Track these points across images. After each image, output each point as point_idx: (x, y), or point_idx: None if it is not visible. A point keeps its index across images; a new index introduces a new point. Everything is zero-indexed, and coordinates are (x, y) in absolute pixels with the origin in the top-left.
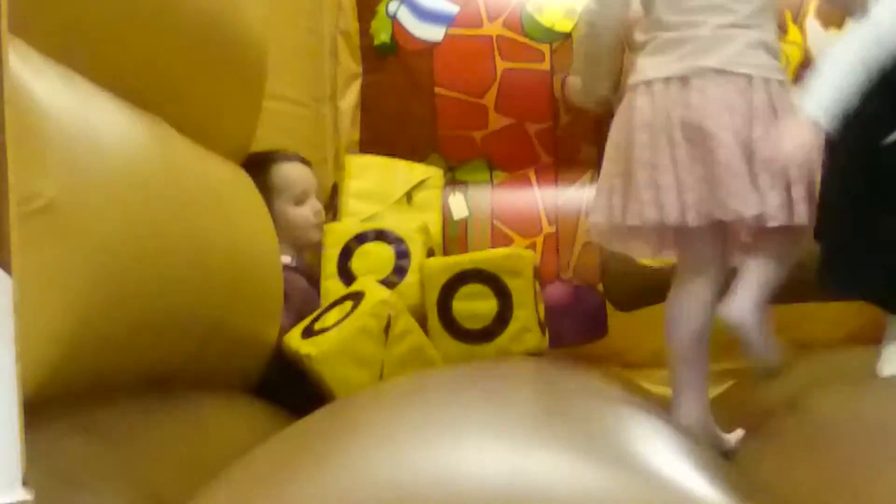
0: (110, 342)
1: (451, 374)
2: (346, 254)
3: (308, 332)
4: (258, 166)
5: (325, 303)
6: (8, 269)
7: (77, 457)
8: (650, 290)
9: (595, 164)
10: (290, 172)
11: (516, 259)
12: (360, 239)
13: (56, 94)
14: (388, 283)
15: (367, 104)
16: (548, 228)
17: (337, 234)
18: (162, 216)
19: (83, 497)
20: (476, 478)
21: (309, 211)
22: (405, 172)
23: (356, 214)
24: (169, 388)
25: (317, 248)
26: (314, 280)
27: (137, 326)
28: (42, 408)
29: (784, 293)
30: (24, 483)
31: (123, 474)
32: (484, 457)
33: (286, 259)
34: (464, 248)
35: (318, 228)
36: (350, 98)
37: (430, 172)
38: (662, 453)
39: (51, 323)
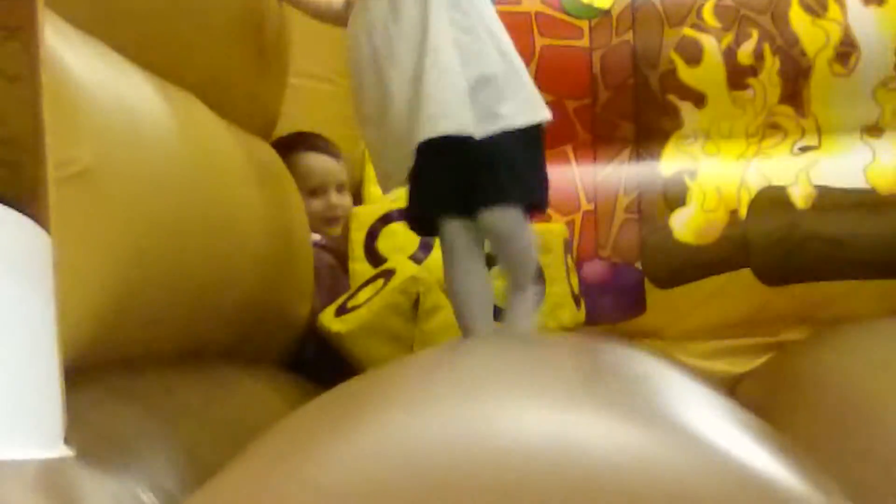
0: (144, 311)
1: (488, 342)
2: (373, 235)
3: (341, 310)
4: (282, 149)
5: (354, 285)
6: (47, 229)
7: (117, 420)
8: (689, 266)
9: (634, 141)
10: (309, 163)
11: (546, 235)
12: (386, 219)
13: (89, 65)
14: (415, 259)
15: None
16: (586, 205)
17: (362, 217)
18: (194, 188)
19: (124, 457)
20: (517, 437)
21: (321, 205)
22: None
23: (378, 199)
24: (203, 360)
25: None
26: (343, 259)
27: (170, 297)
28: (79, 375)
29: (826, 270)
30: (65, 442)
31: (163, 438)
32: (525, 417)
33: (316, 237)
34: None
35: (327, 223)
36: None
37: None
38: (704, 415)
39: (87, 288)
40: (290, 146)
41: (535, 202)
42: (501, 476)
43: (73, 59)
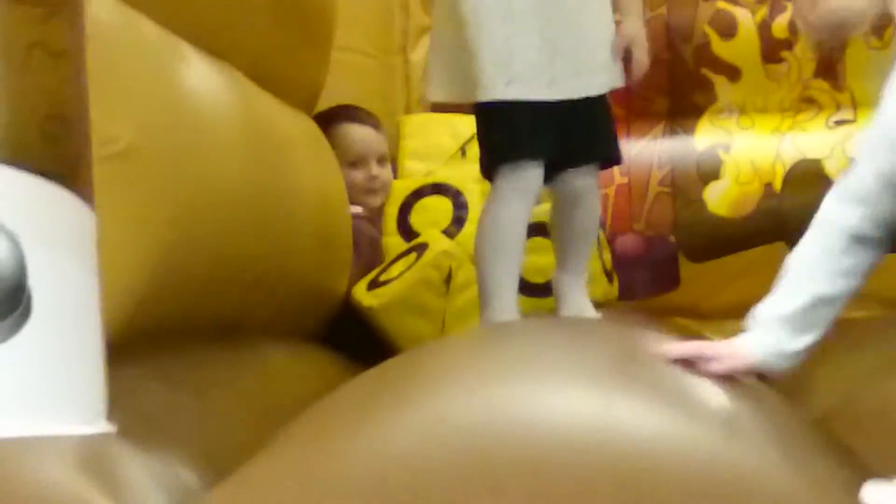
0: (184, 287)
1: (528, 324)
2: (405, 209)
3: (373, 284)
4: (324, 121)
5: (387, 259)
6: (91, 206)
7: (157, 397)
8: (723, 240)
9: (668, 116)
10: (350, 134)
11: None
12: (418, 194)
13: (133, 41)
14: (448, 234)
15: None
16: (620, 179)
17: (395, 192)
18: (235, 164)
19: (162, 438)
20: (559, 420)
21: (362, 176)
22: (460, 127)
23: (413, 174)
24: (240, 335)
25: (372, 211)
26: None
27: (210, 272)
28: (121, 353)
29: None
30: (107, 419)
31: (202, 415)
32: (566, 400)
33: (357, 209)
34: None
35: (369, 194)
36: (421, 51)
37: None
38: (737, 400)
39: (129, 265)
40: (331, 118)
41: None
42: (542, 459)
43: (118, 35)
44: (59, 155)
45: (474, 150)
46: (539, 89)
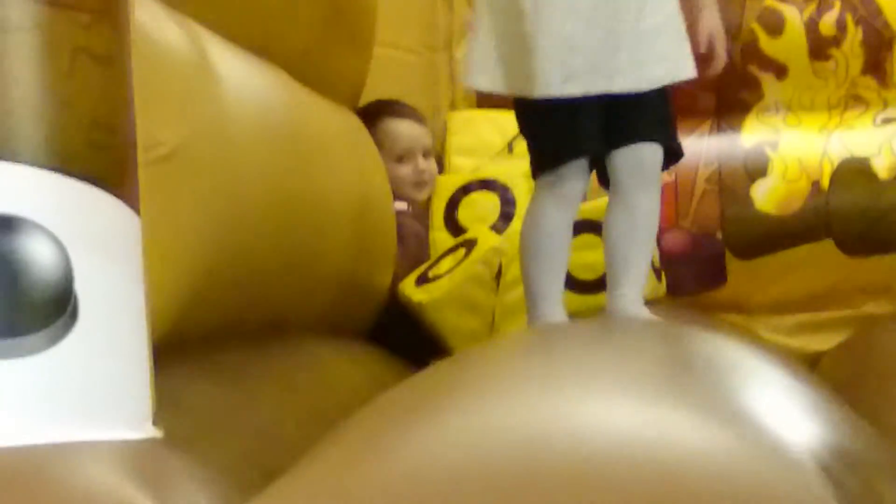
0: (229, 288)
1: (578, 329)
2: (453, 205)
3: (422, 280)
4: (368, 117)
5: (434, 254)
6: (137, 211)
7: (203, 399)
8: (770, 237)
9: (715, 113)
10: (395, 129)
11: None
12: (466, 189)
13: (177, 45)
14: (495, 229)
15: None
16: (666, 177)
17: (443, 187)
18: (279, 164)
19: (209, 440)
20: (605, 430)
21: (409, 170)
22: (507, 123)
23: (460, 170)
24: (286, 333)
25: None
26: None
27: (256, 272)
28: (167, 353)
29: None
30: (153, 422)
31: (248, 417)
32: (613, 410)
33: (402, 205)
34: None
35: (416, 188)
36: (465, 47)
37: None
38: (788, 411)
39: (175, 269)
40: (375, 114)
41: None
42: (585, 471)
43: (162, 38)
44: (105, 160)
45: (522, 146)
46: (599, 83)
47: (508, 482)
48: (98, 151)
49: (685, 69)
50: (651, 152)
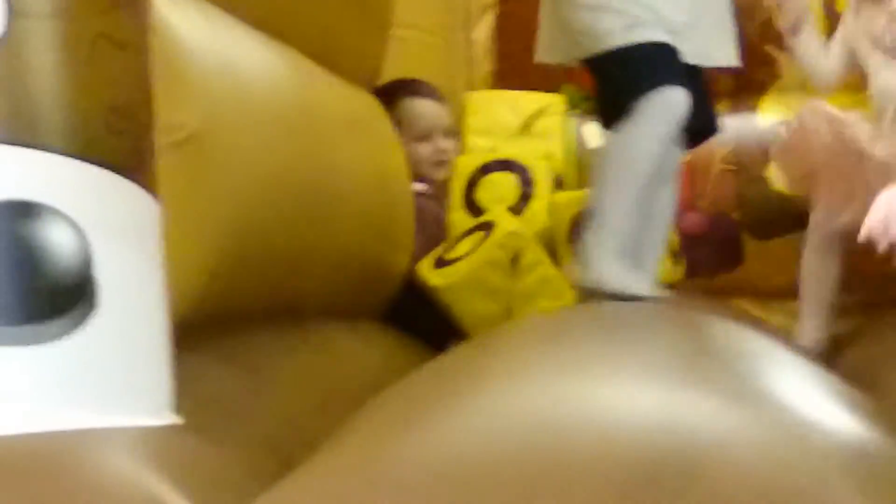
0: (248, 271)
1: (594, 315)
2: (471, 185)
3: (439, 263)
4: (387, 96)
5: (453, 235)
6: (155, 196)
7: (222, 384)
8: (787, 217)
9: (731, 93)
10: (416, 108)
11: None
12: (485, 170)
13: (196, 28)
14: (514, 210)
15: (501, 35)
16: (683, 158)
17: (461, 167)
18: (299, 147)
19: (228, 425)
20: (627, 415)
21: (430, 149)
22: (523, 103)
23: (477, 150)
24: (303, 317)
25: (440, 186)
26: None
27: (274, 256)
28: (187, 339)
29: None
30: (172, 409)
31: (267, 402)
32: (634, 395)
33: (421, 187)
34: None
35: (437, 167)
36: (483, 29)
37: (549, 100)
38: (806, 395)
39: (194, 252)
40: (395, 92)
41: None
42: (609, 454)
43: (181, 22)
44: (125, 146)
45: (541, 124)
46: (687, 51)
47: (530, 467)
48: (117, 137)
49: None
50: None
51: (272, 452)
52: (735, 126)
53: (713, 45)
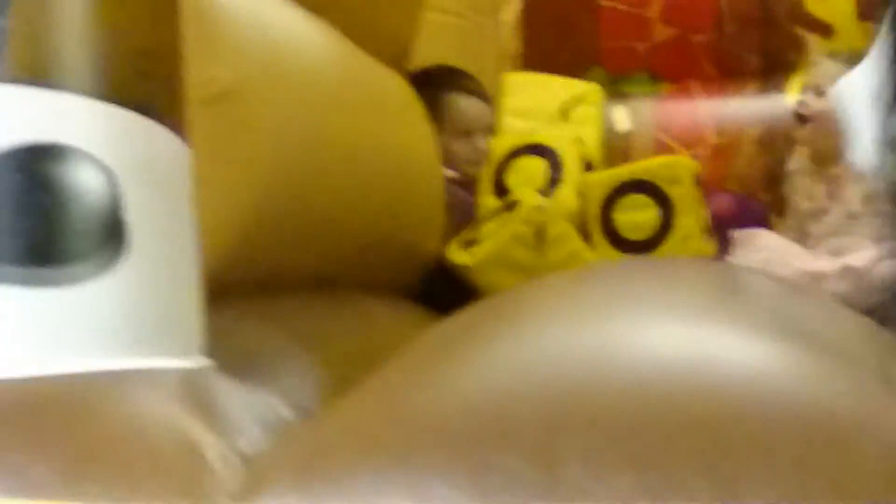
0: (279, 234)
1: (621, 263)
2: (501, 170)
3: (467, 243)
4: (432, 84)
5: (481, 219)
6: (186, 140)
7: (255, 337)
8: None
9: (759, 75)
10: (462, 105)
11: (676, 167)
12: (514, 154)
13: None
14: (543, 194)
15: (529, 17)
16: (712, 139)
17: (492, 151)
18: (331, 116)
19: (262, 373)
20: (653, 353)
21: (468, 148)
22: (562, 89)
23: (512, 132)
24: (335, 289)
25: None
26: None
27: (305, 221)
28: (217, 293)
29: None
30: (206, 356)
31: (299, 357)
32: (661, 333)
33: (450, 173)
34: (626, 160)
35: (471, 165)
36: (512, 11)
37: (588, 88)
38: (843, 334)
39: (226, 208)
40: (442, 83)
41: None
42: (638, 391)
43: None
44: (154, 90)
45: (578, 112)
46: None
47: (556, 406)
48: (147, 80)
49: None
50: None
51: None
52: (764, 107)
53: None
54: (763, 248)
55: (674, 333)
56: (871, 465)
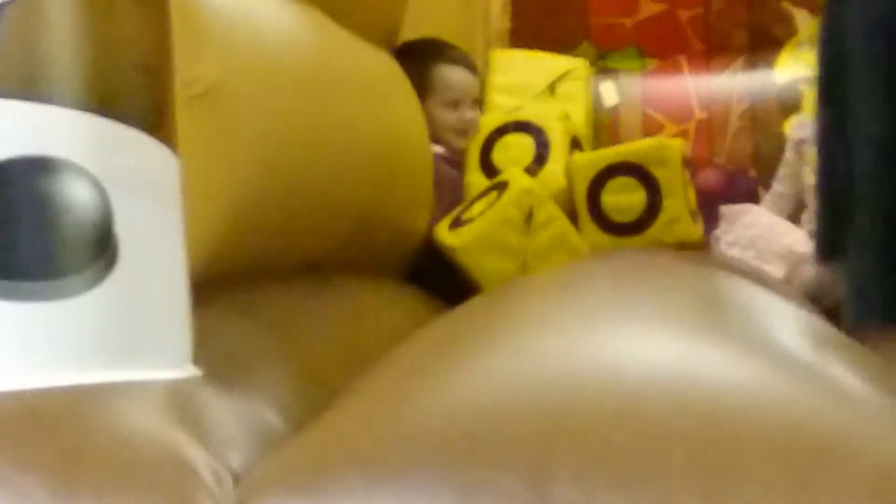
0: (266, 226)
1: (609, 266)
2: (488, 146)
3: (455, 223)
4: (419, 57)
5: (469, 196)
6: (175, 151)
7: (242, 337)
8: None
9: (747, 50)
10: (448, 75)
11: (663, 149)
12: (501, 131)
13: None
14: (529, 171)
15: None
16: (700, 114)
17: (479, 128)
18: (317, 103)
19: (250, 376)
20: (640, 364)
21: (455, 118)
22: (549, 65)
23: (500, 108)
24: (323, 275)
25: (459, 152)
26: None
27: (291, 211)
28: (203, 290)
29: None
30: (193, 361)
31: (287, 355)
32: (647, 344)
33: (438, 149)
34: (614, 135)
35: (459, 135)
36: None
37: (575, 64)
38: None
39: (212, 205)
40: (428, 55)
41: None
42: (623, 404)
43: None
44: (145, 102)
45: (565, 87)
46: None
47: (545, 418)
48: (137, 93)
49: None
50: None
51: (294, 402)
52: (752, 83)
53: None
54: (751, 224)
55: (664, 350)
56: (857, 480)
